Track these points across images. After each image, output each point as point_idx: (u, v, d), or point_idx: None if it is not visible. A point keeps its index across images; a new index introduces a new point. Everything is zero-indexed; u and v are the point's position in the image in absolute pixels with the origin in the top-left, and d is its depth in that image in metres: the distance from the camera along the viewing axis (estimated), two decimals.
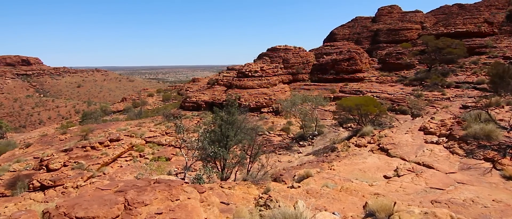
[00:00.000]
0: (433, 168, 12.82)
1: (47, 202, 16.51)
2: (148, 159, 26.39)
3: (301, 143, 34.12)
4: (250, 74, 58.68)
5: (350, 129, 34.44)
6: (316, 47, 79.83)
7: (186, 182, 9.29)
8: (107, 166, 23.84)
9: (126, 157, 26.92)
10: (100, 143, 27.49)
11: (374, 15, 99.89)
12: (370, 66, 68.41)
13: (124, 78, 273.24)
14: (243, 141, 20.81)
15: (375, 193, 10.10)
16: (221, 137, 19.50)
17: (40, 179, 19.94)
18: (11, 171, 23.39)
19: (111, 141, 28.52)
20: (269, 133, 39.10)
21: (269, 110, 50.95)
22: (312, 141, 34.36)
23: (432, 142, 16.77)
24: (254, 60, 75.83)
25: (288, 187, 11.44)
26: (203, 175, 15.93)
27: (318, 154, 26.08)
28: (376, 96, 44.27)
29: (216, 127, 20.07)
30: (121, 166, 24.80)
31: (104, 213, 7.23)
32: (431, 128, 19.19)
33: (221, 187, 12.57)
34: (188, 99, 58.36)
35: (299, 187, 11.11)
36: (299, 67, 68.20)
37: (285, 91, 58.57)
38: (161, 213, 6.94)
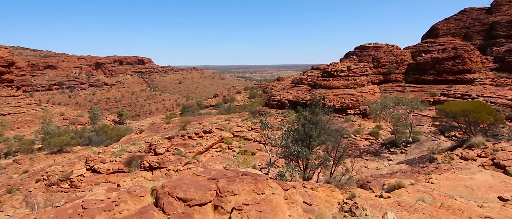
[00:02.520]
0: None
1: (154, 180, 19.41)
2: (235, 151, 28.28)
3: (392, 149, 31.26)
4: (335, 73, 56.54)
5: (453, 138, 29.91)
6: (413, 45, 71.49)
7: (271, 178, 9.64)
8: (201, 155, 26.54)
9: (216, 148, 29.45)
10: (196, 134, 30.75)
11: (489, 6, 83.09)
12: (483, 66, 57.40)
13: (217, 76, 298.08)
14: (327, 142, 20.34)
15: (487, 216, 8.57)
16: (304, 136, 19.49)
17: (149, 161, 23.57)
18: (128, 152, 28.36)
19: (204, 132, 31.58)
20: (355, 136, 37.05)
21: (355, 112, 48.21)
22: (405, 148, 31.08)
23: None
24: (340, 60, 72.65)
25: (376, 196, 10.71)
26: (285, 172, 16.20)
27: (413, 164, 23.48)
28: (491, 102, 37.42)
29: (299, 126, 20.15)
30: (212, 156, 27.27)
31: (199, 196, 8.17)
32: None
33: (304, 186, 12.59)
34: (272, 97, 59.88)
35: (389, 197, 10.28)
36: (391, 67, 62.30)
37: (375, 92, 54.40)
38: (248, 204, 7.43)
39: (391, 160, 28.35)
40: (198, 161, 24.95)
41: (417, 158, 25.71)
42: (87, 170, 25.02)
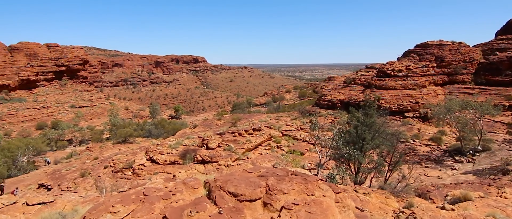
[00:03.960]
0: None
1: (206, 174, 20.39)
2: (283, 150, 28.29)
3: (456, 158, 28.36)
4: (392, 73, 52.96)
5: None
6: (484, 42, 63.55)
7: (321, 179, 9.46)
8: (250, 152, 27.09)
9: (265, 146, 29.78)
10: (245, 131, 31.45)
11: None
12: None
13: (266, 75, 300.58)
14: (382, 146, 19.27)
15: None
16: (356, 138, 18.72)
17: (202, 155, 24.80)
18: (183, 145, 30.16)
19: (254, 130, 32.14)
20: (414, 141, 34.38)
21: (414, 115, 44.65)
22: (473, 157, 27.92)
23: None
24: (398, 58, 67.80)
25: (437, 207, 9.83)
26: (336, 175, 15.75)
27: (482, 175, 21.05)
28: None
29: (351, 128, 19.42)
30: (261, 153, 27.66)
31: (249, 192, 8.37)
32: None
33: (355, 191, 12.10)
34: (323, 97, 58.48)
35: (453, 210, 9.37)
36: (458, 67, 56.19)
37: (437, 94, 49.76)
38: (297, 204, 7.41)
39: (455, 169, 25.74)
40: (247, 158, 25.50)
41: (487, 168, 22.97)
42: (147, 160, 27.25)
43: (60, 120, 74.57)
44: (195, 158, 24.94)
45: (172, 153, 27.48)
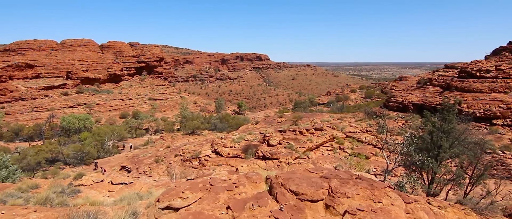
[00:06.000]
0: None
1: (266, 169, 20.78)
2: (347, 152, 27.14)
3: None
4: (478, 74, 46.38)
5: None
6: None
7: (389, 186, 8.85)
8: (311, 151, 26.66)
9: (327, 146, 28.97)
10: (307, 130, 31.04)
11: None
12: None
13: (330, 74, 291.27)
14: (462, 156, 17.12)
15: None
16: (431, 145, 16.98)
17: (263, 151, 25.32)
18: (245, 140, 31.18)
19: (315, 129, 31.52)
20: (504, 153, 29.74)
21: (505, 123, 38.49)
22: None
23: None
24: (485, 57, 58.98)
25: None
26: (406, 183, 14.53)
27: None
28: None
29: (425, 133, 17.67)
30: (322, 154, 27.02)
31: (311, 193, 8.28)
32: None
33: (429, 203, 10.98)
34: (392, 98, 54.47)
35: None
36: None
37: None
38: (362, 210, 7.07)
39: None
40: (308, 157, 25.17)
41: None
42: (212, 151, 28.94)
43: (139, 110, 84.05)
44: (256, 153, 25.57)
45: (234, 147, 28.66)
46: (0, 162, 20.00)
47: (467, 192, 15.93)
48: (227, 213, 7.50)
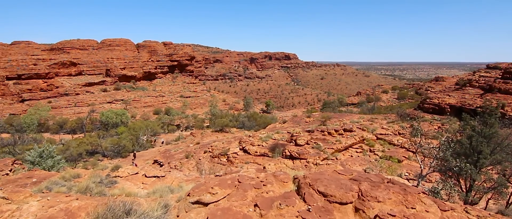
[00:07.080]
0: None
1: (293, 169, 20.70)
2: (377, 155, 26.25)
3: None
4: None
5: None
6: None
7: (424, 192, 8.49)
8: (339, 153, 26.13)
9: (356, 148, 28.22)
10: (335, 131, 30.44)
11: None
12: None
13: (360, 73, 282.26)
14: (504, 163, 15.93)
15: None
16: (470, 151, 15.98)
17: (290, 150, 25.22)
18: (273, 139, 31.24)
19: (344, 130, 30.81)
20: None
21: None
22: None
23: None
24: None
25: None
26: (441, 189, 13.82)
27: None
28: None
29: (463, 138, 16.65)
30: (351, 156, 26.37)
31: (340, 195, 8.16)
32: None
33: (466, 211, 10.38)
34: (428, 100, 51.69)
35: None
36: None
37: None
38: (394, 216, 6.86)
39: None
40: (336, 159, 24.68)
41: None
42: (240, 149, 29.34)
43: (171, 107, 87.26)
44: (284, 153, 25.53)
45: (262, 145, 28.82)
46: (46, 153, 21.70)
47: (509, 202, 14.86)
48: (254, 210, 7.60)
